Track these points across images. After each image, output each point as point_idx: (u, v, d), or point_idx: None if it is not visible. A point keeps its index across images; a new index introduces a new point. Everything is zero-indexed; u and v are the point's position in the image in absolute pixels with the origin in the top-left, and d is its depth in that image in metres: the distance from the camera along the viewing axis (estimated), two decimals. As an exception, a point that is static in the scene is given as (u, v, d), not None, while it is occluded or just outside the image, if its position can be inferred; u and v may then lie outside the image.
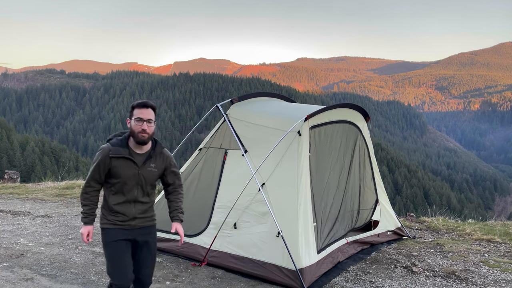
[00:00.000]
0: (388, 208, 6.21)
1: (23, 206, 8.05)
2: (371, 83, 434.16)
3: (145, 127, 2.91)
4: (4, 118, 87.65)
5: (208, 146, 5.41)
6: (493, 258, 5.36)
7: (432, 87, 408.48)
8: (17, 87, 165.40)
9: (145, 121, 2.92)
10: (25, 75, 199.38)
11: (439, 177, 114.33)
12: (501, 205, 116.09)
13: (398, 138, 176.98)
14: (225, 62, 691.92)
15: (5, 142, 64.36)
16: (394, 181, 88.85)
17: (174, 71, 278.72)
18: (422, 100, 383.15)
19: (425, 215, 7.99)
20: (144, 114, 2.94)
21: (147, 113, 2.94)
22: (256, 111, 5.30)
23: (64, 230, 6.34)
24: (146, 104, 2.97)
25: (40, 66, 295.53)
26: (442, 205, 41.01)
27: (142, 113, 2.94)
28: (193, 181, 5.36)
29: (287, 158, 4.67)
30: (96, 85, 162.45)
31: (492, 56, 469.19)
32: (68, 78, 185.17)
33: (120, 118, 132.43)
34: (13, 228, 6.37)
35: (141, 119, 2.91)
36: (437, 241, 6.10)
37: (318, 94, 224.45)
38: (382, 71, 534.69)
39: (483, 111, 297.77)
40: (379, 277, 4.65)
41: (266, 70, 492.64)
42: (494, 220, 8.09)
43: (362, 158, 5.87)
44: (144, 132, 2.92)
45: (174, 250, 5.13)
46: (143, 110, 2.95)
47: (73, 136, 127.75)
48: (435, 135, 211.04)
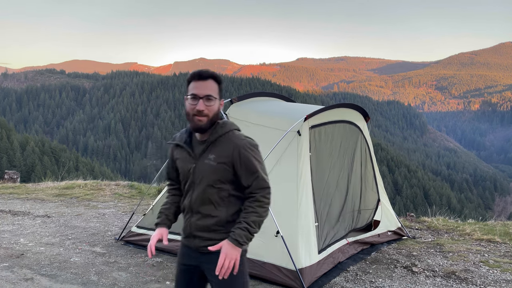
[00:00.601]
0: (389, 208, 6.21)
1: (23, 206, 8.05)
2: (371, 83, 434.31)
3: (201, 107, 2.07)
4: (4, 118, 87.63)
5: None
6: (493, 258, 5.36)
7: (432, 87, 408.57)
8: (17, 87, 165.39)
9: (202, 98, 2.07)
10: (25, 75, 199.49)
11: (439, 177, 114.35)
12: (501, 205, 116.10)
13: (398, 138, 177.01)
14: (225, 62, 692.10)
15: (5, 142, 64.37)
16: (394, 181, 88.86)
17: (174, 71, 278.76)
18: (422, 100, 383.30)
19: (425, 215, 7.99)
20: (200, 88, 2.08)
21: (204, 86, 2.09)
22: (256, 111, 5.30)
23: (64, 230, 6.34)
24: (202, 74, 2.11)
25: (40, 66, 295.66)
26: (442, 205, 40.99)
27: (198, 86, 2.09)
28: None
29: (287, 158, 4.67)
30: (96, 85, 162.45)
31: (492, 56, 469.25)
32: (68, 78, 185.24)
33: (120, 118, 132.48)
34: (13, 228, 6.37)
35: (196, 96, 2.08)
36: (437, 241, 6.10)
37: (318, 94, 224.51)
38: (382, 71, 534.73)
39: (483, 111, 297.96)
40: (379, 277, 4.65)
41: (266, 70, 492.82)
42: (494, 220, 8.08)
43: (364, 158, 5.87)
44: (200, 115, 2.07)
45: (174, 250, 5.13)
46: (198, 83, 2.10)
47: (73, 136, 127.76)
48: (435, 135, 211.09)
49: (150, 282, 4.35)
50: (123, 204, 8.41)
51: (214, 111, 2.12)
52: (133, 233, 5.60)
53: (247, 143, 2.14)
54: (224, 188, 2.15)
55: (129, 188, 10.01)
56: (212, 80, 2.12)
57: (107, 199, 8.87)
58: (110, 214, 7.46)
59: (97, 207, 8.05)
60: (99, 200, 8.74)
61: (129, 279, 4.40)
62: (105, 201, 8.67)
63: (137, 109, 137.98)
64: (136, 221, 6.03)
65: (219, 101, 2.16)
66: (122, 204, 8.41)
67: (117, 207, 8.11)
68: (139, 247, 5.41)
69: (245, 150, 2.12)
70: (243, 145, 2.12)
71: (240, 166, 2.11)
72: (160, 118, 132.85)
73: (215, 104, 2.12)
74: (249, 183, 2.12)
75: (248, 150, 2.12)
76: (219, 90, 2.16)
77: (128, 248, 5.44)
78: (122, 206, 8.21)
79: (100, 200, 8.80)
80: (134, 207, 7.83)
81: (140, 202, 6.95)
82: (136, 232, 5.57)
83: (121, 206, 8.25)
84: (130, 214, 6.69)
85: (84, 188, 9.92)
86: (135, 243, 5.50)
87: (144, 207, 7.34)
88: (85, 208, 7.98)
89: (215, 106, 2.11)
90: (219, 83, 2.15)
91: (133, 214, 6.26)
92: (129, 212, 7.60)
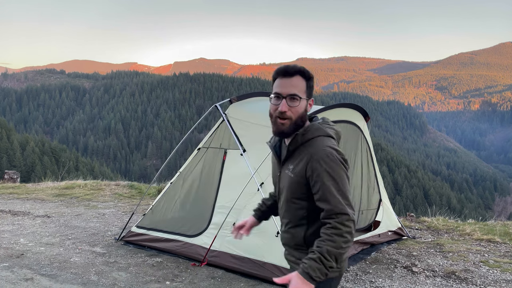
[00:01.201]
0: (389, 208, 6.21)
1: (23, 206, 8.05)
2: (371, 83, 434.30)
3: (283, 108, 1.80)
4: (4, 118, 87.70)
5: (207, 146, 5.41)
6: (493, 258, 5.36)
7: (432, 87, 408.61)
8: (17, 87, 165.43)
9: (285, 98, 1.81)
10: (25, 75, 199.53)
11: (439, 177, 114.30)
12: (501, 205, 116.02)
13: (398, 138, 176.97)
14: (225, 62, 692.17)
15: (5, 142, 64.37)
16: (394, 181, 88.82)
17: (174, 71, 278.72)
18: (422, 100, 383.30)
19: (425, 215, 7.99)
20: (285, 86, 1.82)
21: (289, 84, 1.82)
22: (255, 110, 5.29)
23: (64, 230, 6.34)
24: (288, 69, 1.84)
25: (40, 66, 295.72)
26: (442, 205, 41.00)
27: (282, 84, 1.83)
28: (194, 181, 5.36)
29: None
30: (96, 85, 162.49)
31: (492, 56, 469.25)
32: (68, 78, 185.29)
33: (120, 118, 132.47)
34: (13, 228, 6.37)
35: (279, 95, 1.82)
36: (437, 241, 6.10)
37: (318, 94, 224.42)
38: (382, 71, 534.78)
39: (483, 111, 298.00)
40: (379, 277, 4.65)
41: (266, 70, 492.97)
42: (494, 220, 8.08)
43: (365, 158, 5.87)
44: (282, 117, 1.81)
45: (174, 250, 5.13)
46: (283, 80, 1.83)
47: (73, 136, 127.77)
48: (435, 135, 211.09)
49: (150, 282, 4.34)
50: (123, 204, 8.41)
51: (299, 113, 1.82)
52: (133, 233, 5.60)
53: (325, 154, 1.75)
54: (302, 206, 1.85)
55: (129, 188, 10.01)
56: (300, 76, 1.83)
57: (107, 199, 8.87)
58: (110, 214, 7.46)
59: (97, 207, 8.05)
60: (99, 200, 8.74)
61: (129, 279, 4.40)
62: (105, 201, 8.67)
63: (137, 109, 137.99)
64: (136, 221, 6.03)
65: (307, 101, 1.86)
66: (122, 204, 8.41)
67: (117, 207, 8.12)
68: (139, 247, 5.41)
69: (319, 163, 1.75)
70: (320, 157, 1.75)
71: (312, 182, 1.78)
72: (160, 118, 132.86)
73: (301, 105, 1.82)
74: (323, 206, 1.75)
75: (323, 163, 1.74)
76: (307, 88, 1.85)
77: (128, 248, 5.44)
78: (122, 206, 8.21)
79: (100, 200, 8.80)
80: (134, 207, 7.83)
81: (140, 202, 6.95)
82: (136, 232, 5.57)
83: (121, 206, 8.25)
84: (130, 214, 6.69)
85: (84, 188, 9.92)
86: (135, 243, 5.50)
87: (144, 207, 7.34)
88: (85, 208, 7.98)
89: (300, 107, 1.82)
90: (307, 80, 1.85)
91: (133, 214, 6.26)
92: (129, 212, 7.60)
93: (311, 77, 1.87)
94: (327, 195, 1.73)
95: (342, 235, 1.70)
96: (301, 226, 1.90)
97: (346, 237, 1.70)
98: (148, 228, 5.47)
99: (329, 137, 1.84)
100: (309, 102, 1.88)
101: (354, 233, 1.75)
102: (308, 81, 1.86)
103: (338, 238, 1.69)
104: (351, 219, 1.73)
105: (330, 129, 1.89)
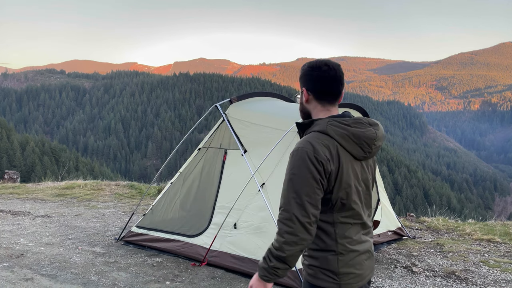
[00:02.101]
0: (389, 208, 6.21)
1: (23, 206, 8.05)
2: (371, 83, 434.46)
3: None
4: (4, 118, 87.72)
5: (207, 146, 5.41)
6: (493, 258, 5.36)
7: (432, 87, 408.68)
8: (17, 87, 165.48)
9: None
10: (25, 75, 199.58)
11: (439, 177, 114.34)
12: (501, 205, 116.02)
13: (398, 138, 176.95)
14: (225, 62, 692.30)
15: (5, 142, 64.38)
16: (394, 181, 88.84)
17: (174, 71, 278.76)
18: (422, 100, 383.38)
19: (425, 215, 7.99)
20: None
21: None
22: (255, 110, 5.30)
23: (64, 230, 6.34)
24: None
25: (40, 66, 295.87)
26: (442, 205, 41.03)
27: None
28: (194, 181, 5.36)
29: (287, 158, 4.66)
30: (96, 85, 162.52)
31: (492, 56, 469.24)
32: (68, 78, 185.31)
33: (120, 118, 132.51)
34: (13, 228, 6.37)
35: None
36: (437, 241, 6.10)
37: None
38: (382, 71, 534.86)
39: (483, 111, 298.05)
40: (379, 277, 4.65)
41: (266, 70, 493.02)
42: (494, 220, 8.08)
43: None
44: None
45: (174, 250, 5.13)
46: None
47: (73, 136, 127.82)
48: (435, 135, 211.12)
49: (150, 282, 4.35)
50: (123, 204, 8.41)
51: (300, 109, 1.90)
52: (133, 233, 5.60)
53: (296, 148, 1.74)
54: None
55: (129, 188, 10.01)
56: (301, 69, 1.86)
57: (107, 199, 8.87)
58: (110, 214, 7.46)
59: (97, 207, 8.06)
60: (99, 200, 8.75)
61: (129, 279, 4.40)
62: (105, 201, 8.67)
63: (137, 109, 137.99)
64: (136, 221, 6.03)
65: (303, 92, 1.86)
66: (122, 204, 8.41)
67: (117, 207, 8.12)
68: (139, 247, 5.41)
69: (290, 156, 1.75)
70: (293, 149, 1.75)
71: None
72: (160, 118, 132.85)
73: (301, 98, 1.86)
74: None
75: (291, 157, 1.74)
76: (300, 78, 1.87)
77: (128, 248, 5.44)
78: (122, 206, 8.21)
79: (100, 200, 8.80)
80: (134, 207, 7.83)
81: (140, 202, 6.95)
82: (136, 232, 5.57)
83: (121, 206, 8.26)
84: (130, 214, 6.69)
85: (84, 188, 9.93)
86: (135, 243, 5.50)
87: (144, 207, 7.34)
88: (85, 208, 7.98)
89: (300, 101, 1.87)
90: (301, 71, 1.87)
91: (133, 214, 6.26)
92: (129, 212, 7.60)
93: (303, 68, 1.85)
94: (282, 189, 1.73)
95: (281, 234, 1.65)
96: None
97: (284, 238, 1.64)
98: (148, 228, 5.47)
99: (325, 134, 1.75)
100: (304, 93, 1.86)
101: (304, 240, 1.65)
102: (301, 72, 1.86)
103: (278, 237, 1.67)
104: (295, 220, 1.64)
105: (336, 128, 1.77)
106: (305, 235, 1.64)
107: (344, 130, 1.77)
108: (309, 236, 1.66)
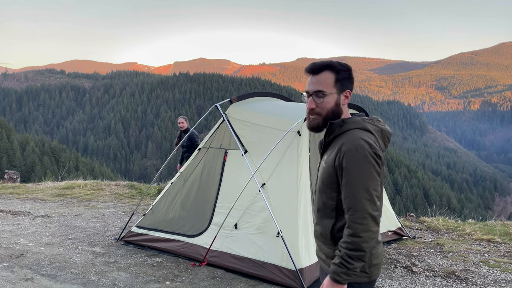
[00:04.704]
0: (389, 208, 6.22)
1: (23, 206, 8.05)
2: (371, 83, 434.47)
3: (310, 105, 1.87)
4: (4, 118, 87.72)
5: (207, 146, 5.41)
6: (493, 258, 5.36)
7: (432, 87, 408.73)
8: (17, 87, 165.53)
9: (311, 95, 1.87)
10: (25, 75, 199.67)
11: (439, 177, 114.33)
12: (501, 205, 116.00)
13: (398, 138, 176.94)
14: (225, 62, 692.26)
15: (5, 142, 64.38)
16: (394, 181, 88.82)
17: (174, 71, 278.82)
18: (422, 100, 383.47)
19: (425, 215, 7.99)
20: (311, 83, 1.88)
21: (315, 81, 1.87)
22: (255, 110, 5.30)
23: (64, 230, 6.34)
24: (313, 67, 1.89)
25: (40, 66, 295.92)
26: (442, 205, 41.03)
27: (309, 82, 1.89)
28: (195, 181, 5.37)
29: (287, 158, 4.67)
30: (96, 85, 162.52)
31: (492, 56, 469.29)
32: (68, 78, 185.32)
33: (120, 118, 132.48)
34: (13, 228, 6.37)
35: (308, 93, 1.89)
36: (437, 241, 6.10)
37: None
38: (382, 71, 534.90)
39: (483, 111, 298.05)
40: (379, 277, 4.65)
41: (266, 70, 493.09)
42: (494, 220, 8.08)
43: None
44: (312, 113, 1.88)
45: (174, 250, 5.13)
46: (310, 78, 1.89)
47: (73, 136, 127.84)
48: (435, 135, 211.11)
49: (150, 282, 4.35)
50: (123, 204, 8.41)
51: (328, 108, 1.85)
52: (133, 233, 5.60)
53: (354, 146, 1.72)
54: (331, 196, 1.83)
55: (129, 188, 10.01)
56: (328, 71, 1.85)
57: (107, 199, 8.87)
58: (110, 214, 7.46)
59: (97, 207, 8.06)
60: (99, 200, 8.75)
61: (129, 279, 4.40)
62: (105, 201, 8.67)
63: (137, 109, 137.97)
64: (136, 221, 6.03)
65: (339, 94, 1.86)
66: (122, 204, 8.41)
67: (117, 207, 8.12)
68: (139, 247, 5.41)
69: (347, 155, 1.73)
70: (348, 148, 1.73)
71: (340, 174, 1.77)
72: (160, 118, 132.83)
73: (328, 100, 1.84)
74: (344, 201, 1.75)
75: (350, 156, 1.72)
76: (337, 81, 1.85)
77: (128, 248, 5.44)
78: (122, 206, 8.21)
79: (100, 200, 8.80)
80: (134, 207, 7.83)
81: (140, 202, 6.96)
82: (136, 232, 5.57)
83: (121, 206, 8.26)
84: (130, 214, 6.69)
85: (84, 188, 9.93)
86: (135, 243, 5.50)
87: (144, 207, 7.34)
88: (85, 208, 7.98)
89: (327, 102, 1.84)
90: (337, 73, 1.84)
91: (133, 214, 6.26)
92: (129, 212, 7.60)
93: (341, 70, 1.86)
94: (347, 190, 1.72)
95: (358, 235, 1.67)
96: (330, 219, 1.87)
97: (362, 237, 1.67)
98: (148, 228, 5.47)
99: (366, 130, 1.81)
100: (345, 94, 1.88)
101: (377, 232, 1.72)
102: (338, 74, 1.85)
103: (354, 238, 1.68)
104: (368, 217, 1.68)
105: (370, 124, 1.85)
106: (376, 227, 1.72)
107: (376, 127, 1.88)
108: (378, 227, 1.74)
